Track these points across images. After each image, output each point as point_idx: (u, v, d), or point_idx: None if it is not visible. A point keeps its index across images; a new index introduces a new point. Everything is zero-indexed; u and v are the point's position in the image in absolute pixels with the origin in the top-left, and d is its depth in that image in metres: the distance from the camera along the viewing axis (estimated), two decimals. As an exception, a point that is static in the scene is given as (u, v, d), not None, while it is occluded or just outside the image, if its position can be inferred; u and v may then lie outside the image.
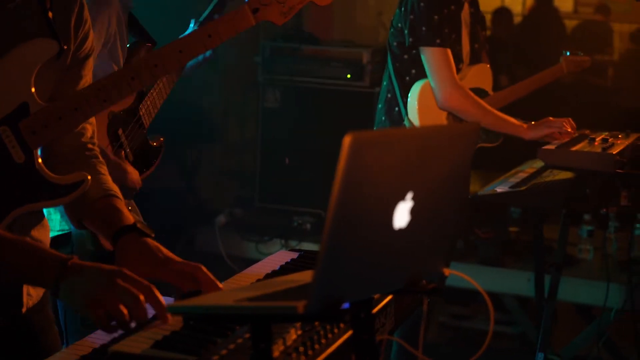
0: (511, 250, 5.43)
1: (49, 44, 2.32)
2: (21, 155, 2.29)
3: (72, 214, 2.46)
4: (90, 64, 2.52)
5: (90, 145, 2.51)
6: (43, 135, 2.31)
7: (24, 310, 2.44)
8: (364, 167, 1.56)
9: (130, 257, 2.25)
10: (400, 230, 1.69)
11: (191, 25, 3.44)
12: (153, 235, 2.31)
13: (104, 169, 2.50)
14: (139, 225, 2.32)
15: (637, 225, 5.24)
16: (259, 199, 6.42)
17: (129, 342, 1.89)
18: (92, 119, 2.53)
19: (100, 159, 2.52)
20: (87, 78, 2.50)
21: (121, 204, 2.42)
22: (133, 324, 1.96)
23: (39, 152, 2.35)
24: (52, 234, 2.60)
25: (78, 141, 2.48)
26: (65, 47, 2.37)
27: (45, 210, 2.50)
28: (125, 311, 1.94)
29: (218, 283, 2.18)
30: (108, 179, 2.48)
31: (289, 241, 5.86)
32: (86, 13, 2.48)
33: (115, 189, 2.46)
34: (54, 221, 3.08)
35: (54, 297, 2.07)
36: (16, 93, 2.29)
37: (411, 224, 1.70)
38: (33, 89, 2.30)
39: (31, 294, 2.46)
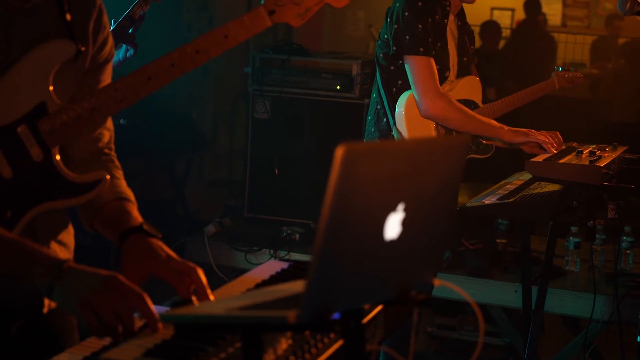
0: (499, 261, 5.43)
1: (66, 45, 2.33)
2: (40, 154, 2.29)
3: (85, 216, 2.47)
4: (109, 68, 2.53)
5: (106, 150, 2.54)
6: (61, 134, 2.32)
7: (45, 310, 2.44)
8: (355, 178, 1.57)
9: (134, 256, 2.27)
10: (392, 241, 1.70)
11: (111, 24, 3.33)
12: (160, 235, 2.33)
13: (119, 174, 2.52)
14: (145, 226, 2.34)
15: (624, 237, 5.26)
16: (248, 209, 6.40)
17: (121, 350, 1.90)
18: (110, 125, 2.55)
19: (116, 163, 2.55)
20: (106, 83, 2.51)
21: (132, 207, 2.45)
22: (121, 330, 1.97)
23: (57, 151, 2.35)
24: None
25: (95, 146, 2.50)
26: (83, 49, 2.38)
27: None
28: (114, 316, 1.96)
29: (209, 291, 2.20)
30: (122, 183, 2.50)
31: (278, 251, 5.83)
32: (105, 19, 2.49)
33: (128, 192, 2.49)
34: None
35: (48, 298, 2.08)
36: (35, 92, 2.29)
37: (402, 235, 1.71)
38: (51, 88, 2.30)
39: None
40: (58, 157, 2.33)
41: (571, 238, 5.43)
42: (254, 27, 2.65)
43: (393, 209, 1.68)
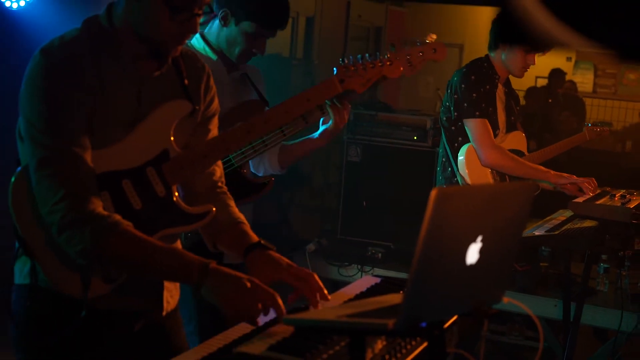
0: (542, 281, 5.33)
1: (185, 105, 2.36)
2: (162, 190, 2.32)
3: (208, 238, 2.49)
4: (215, 120, 2.54)
5: (220, 184, 2.54)
6: (179, 175, 2.35)
7: (164, 313, 2.46)
8: (445, 214, 1.55)
9: (259, 266, 2.30)
10: (471, 266, 1.67)
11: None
12: (274, 248, 2.35)
13: (232, 203, 2.53)
14: (262, 242, 2.37)
15: (646, 265, 5.13)
16: (341, 232, 6.38)
17: (250, 345, 1.90)
18: (220, 163, 2.57)
19: (229, 195, 2.55)
20: (214, 131, 2.53)
21: (247, 227, 2.46)
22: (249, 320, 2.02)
23: (176, 188, 2.37)
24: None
25: (210, 181, 2.51)
26: (197, 108, 2.41)
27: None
28: (247, 311, 2.01)
29: (325, 291, 2.21)
30: (235, 210, 2.51)
31: (364, 266, 5.80)
32: (212, 81, 2.52)
33: (241, 216, 2.50)
34: None
35: (196, 292, 2.11)
36: (160, 141, 2.33)
37: (479, 260, 1.68)
38: (172, 138, 2.33)
39: (169, 301, 2.49)
40: (177, 193, 2.36)
41: (601, 264, 5.31)
42: (329, 92, 2.74)
43: (474, 239, 1.65)
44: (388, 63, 2.91)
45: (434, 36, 3.24)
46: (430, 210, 1.50)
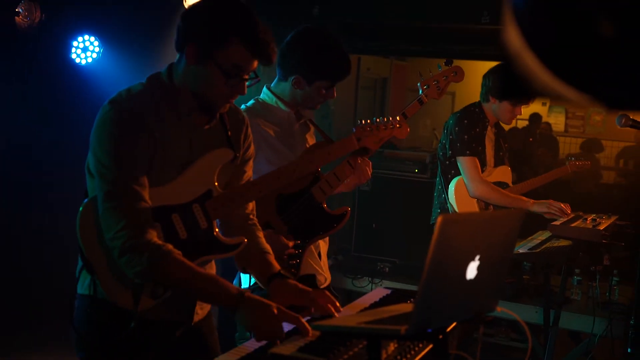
0: (525, 291, 5.27)
1: (228, 153, 2.37)
2: (205, 224, 2.31)
3: (239, 263, 2.49)
4: (251, 163, 2.55)
5: (251, 216, 2.55)
6: (219, 211, 2.35)
7: (192, 323, 2.44)
8: (449, 237, 1.53)
9: (280, 293, 2.30)
10: (470, 280, 1.65)
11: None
12: (292, 277, 2.35)
13: (260, 234, 2.53)
14: (282, 272, 2.37)
15: (614, 278, 5.06)
16: (354, 250, 6.36)
17: (282, 347, 1.89)
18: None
19: (258, 227, 2.56)
20: (249, 172, 2.53)
21: (271, 257, 2.46)
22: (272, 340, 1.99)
23: (217, 222, 2.37)
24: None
25: (244, 212, 2.52)
26: (237, 155, 2.42)
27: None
28: (272, 334, 1.99)
29: (337, 303, 2.19)
30: (263, 241, 2.52)
31: (374, 279, 5.77)
32: (249, 130, 2.53)
33: (267, 247, 2.50)
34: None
35: (232, 315, 2.09)
36: (205, 182, 2.33)
37: (477, 275, 1.66)
38: (216, 182, 2.34)
39: (198, 312, 2.47)
40: (217, 229, 2.36)
41: (575, 277, 5.25)
42: (348, 148, 2.77)
43: (472, 258, 1.63)
44: (398, 126, 2.92)
45: (452, 61, 3.25)
46: (437, 234, 1.48)
